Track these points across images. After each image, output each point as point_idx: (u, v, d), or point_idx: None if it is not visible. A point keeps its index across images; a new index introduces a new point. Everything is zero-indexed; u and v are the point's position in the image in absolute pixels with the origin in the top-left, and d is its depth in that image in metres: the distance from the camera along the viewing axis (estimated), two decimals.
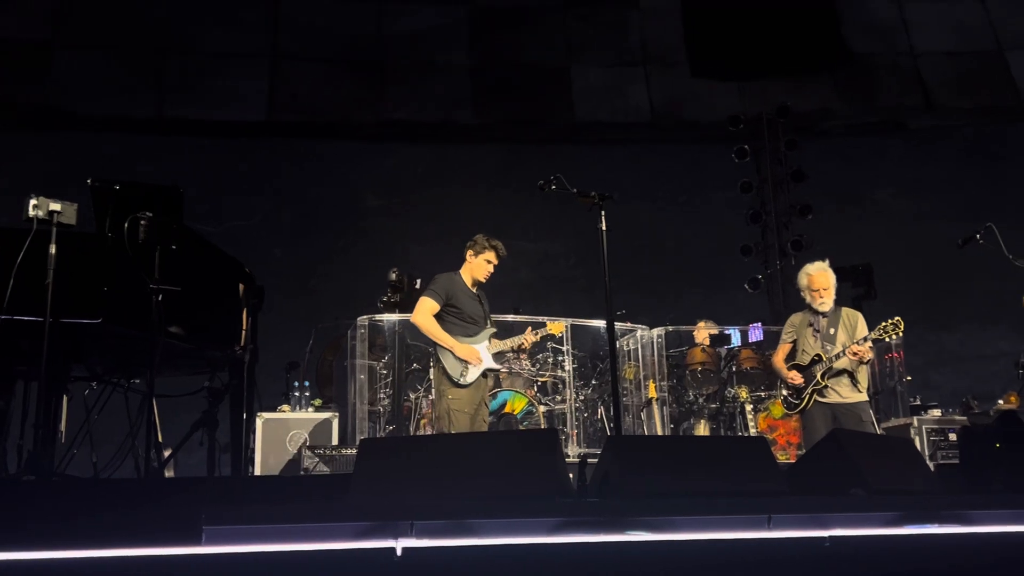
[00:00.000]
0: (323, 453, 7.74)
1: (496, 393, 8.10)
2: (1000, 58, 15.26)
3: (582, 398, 9.12)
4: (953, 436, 8.29)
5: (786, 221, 12.34)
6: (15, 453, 5.48)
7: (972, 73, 15.24)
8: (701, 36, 15.26)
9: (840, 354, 6.60)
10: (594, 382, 9.35)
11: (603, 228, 6.07)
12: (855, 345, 6.54)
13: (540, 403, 8.64)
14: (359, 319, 8.74)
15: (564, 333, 8.54)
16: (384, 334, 8.75)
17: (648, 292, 12.67)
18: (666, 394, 9.33)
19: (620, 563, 3.50)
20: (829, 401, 6.67)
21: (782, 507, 3.76)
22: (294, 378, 9.07)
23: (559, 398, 8.91)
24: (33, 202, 5.04)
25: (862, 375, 6.72)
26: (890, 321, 6.55)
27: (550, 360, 8.94)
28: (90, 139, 13.21)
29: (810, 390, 6.71)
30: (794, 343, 7.01)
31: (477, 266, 6.88)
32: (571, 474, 4.37)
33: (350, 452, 7.61)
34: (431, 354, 7.69)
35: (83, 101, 13.63)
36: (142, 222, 5.36)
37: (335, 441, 8.20)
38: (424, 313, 6.73)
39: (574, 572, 3.49)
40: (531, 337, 7.19)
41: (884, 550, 3.72)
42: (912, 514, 3.83)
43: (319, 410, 8.63)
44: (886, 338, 6.72)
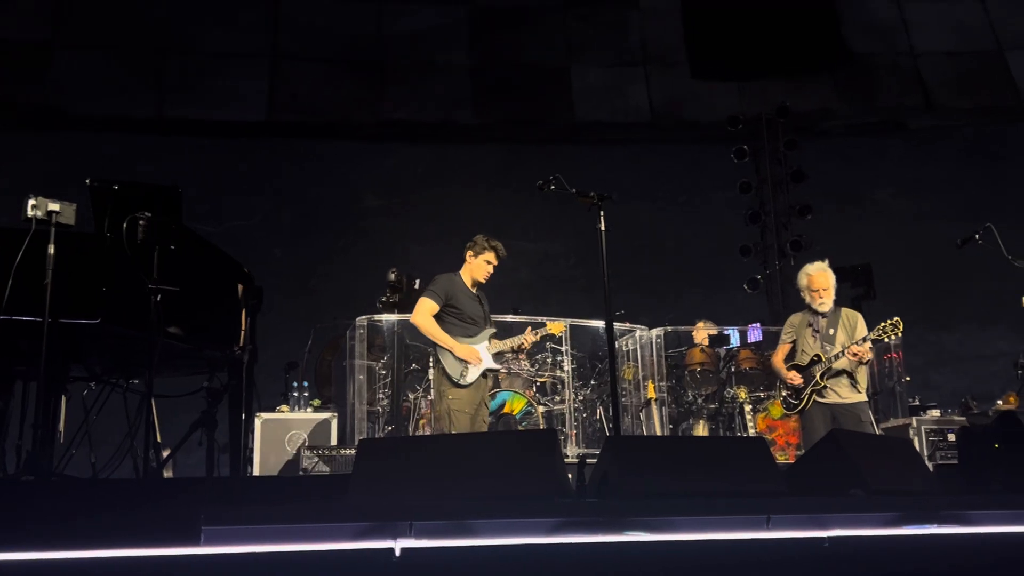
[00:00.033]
0: (322, 453, 7.73)
1: (495, 393, 8.10)
2: (1000, 58, 15.25)
3: (581, 398, 9.12)
4: (952, 436, 8.29)
5: (785, 221, 12.33)
6: (14, 453, 5.49)
7: (972, 73, 15.23)
8: (701, 36, 15.25)
9: (839, 354, 6.60)
10: (593, 382, 9.34)
11: (602, 228, 6.07)
12: (854, 346, 6.54)
13: (539, 403, 8.64)
14: (358, 319, 8.74)
15: (563, 333, 8.54)
16: (383, 334, 8.75)
17: (648, 292, 12.66)
18: (665, 394, 9.33)
19: (619, 563, 3.50)
20: (828, 401, 6.67)
21: (781, 507, 3.76)
22: (293, 378, 9.06)
23: (558, 398, 8.90)
24: (32, 202, 5.03)
25: (861, 375, 6.72)
26: (889, 321, 6.55)
27: (549, 360, 8.93)
28: (89, 139, 13.20)
29: (809, 390, 6.71)
30: (793, 343, 7.01)
31: (477, 267, 6.89)
32: (570, 474, 4.36)
33: (349, 452, 7.62)
34: (430, 354, 7.69)
35: (82, 101, 13.63)
36: (141, 222, 5.36)
37: (334, 441, 8.20)
38: (423, 314, 6.74)
39: (573, 572, 3.49)
40: (531, 337, 7.19)
41: (883, 550, 3.71)
42: (911, 514, 3.83)
43: (318, 410, 8.63)
44: (885, 338, 6.72)
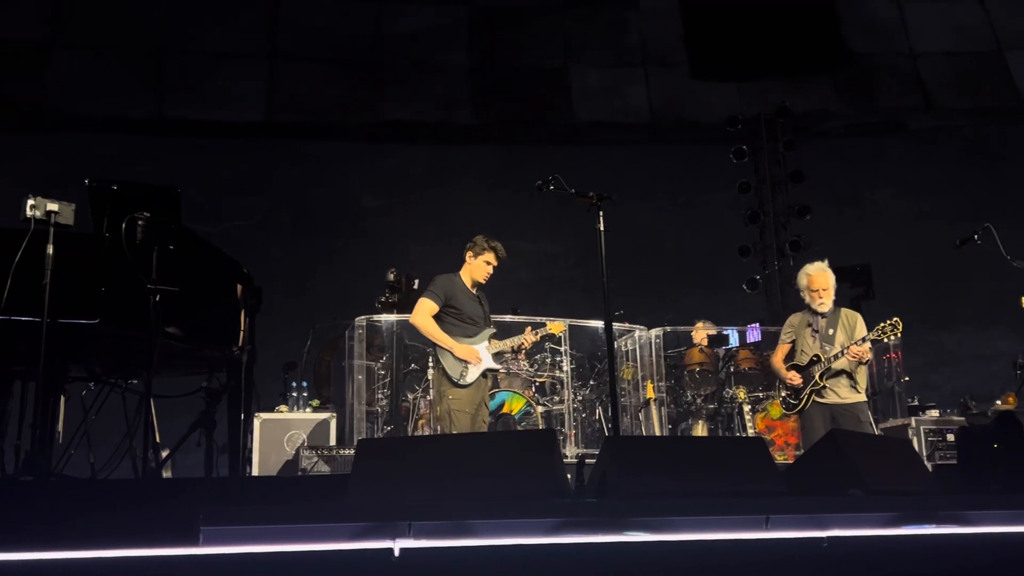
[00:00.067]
0: (321, 453, 7.73)
1: (494, 393, 8.10)
2: (1000, 58, 15.24)
3: (580, 398, 9.12)
4: (951, 437, 8.29)
5: (784, 222, 12.33)
6: (13, 453, 5.47)
7: (972, 73, 15.23)
8: (700, 37, 15.24)
9: (839, 355, 6.60)
10: (592, 383, 9.35)
11: (601, 228, 6.07)
12: (854, 346, 6.54)
13: (538, 403, 8.64)
14: (357, 319, 8.74)
15: (563, 334, 8.54)
16: (382, 334, 8.75)
17: (647, 292, 12.65)
18: (664, 395, 9.34)
19: (618, 564, 3.50)
20: (827, 402, 6.67)
21: (780, 507, 3.75)
22: (292, 378, 9.06)
23: (557, 399, 8.90)
24: (31, 202, 5.02)
25: (860, 376, 6.72)
26: (889, 322, 6.55)
27: (548, 361, 8.93)
28: (88, 139, 13.21)
29: (808, 390, 6.71)
30: (793, 343, 7.01)
31: (476, 267, 6.89)
32: (569, 475, 4.36)
33: (348, 452, 7.61)
34: (429, 354, 7.69)
35: (81, 101, 13.62)
36: (140, 222, 5.35)
37: (333, 441, 8.19)
38: (423, 314, 6.74)
39: (572, 573, 3.48)
40: (531, 337, 7.19)
41: (882, 550, 3.71)
42: (910, 514, 3.82)
43: (317, 410, 8.63)
44: (885, 339, 6.71)
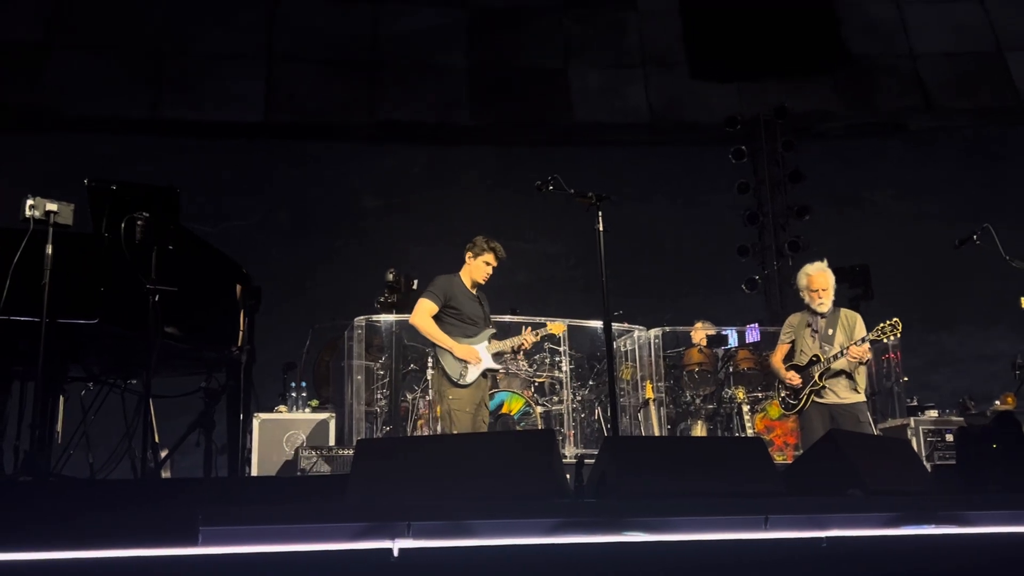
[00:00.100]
0: (320, 453, 7.72)
1: (493, 394, 8.10)
2: (1000, 59, 15.26)
3: (579, 399, 9.12)
4: (950, 437, 8.29)
5: (783, 222, 12.34)
6: (11, 454, 5.46)
7: (971, 74, 15.24)
8: (700, 37, 15.26)
9: (838, 355, 6.59)
10: (591, 383, 9.35)
11: (600, 229, 6.06)
12: (853, 347, 6.53)
13: (537, 404, 8.64)
14: (356, 320, 8.74)
15: (563, 334, 8.54)
16: (381, 335, 8.75)
17: (646, 293, 12.66)
18: (663, 395, 9.34)
19: (617, 564, 3.50)
20: (827, 402, 6.66)
21: (779, 508, 3.75)
22: (291, 379, 9.05)
23: (556, 399, 8.90)
24: (30, 202, 5.02)
25: (860, 376, 6.71)
26: (888, 322, 6.54)
27: (547, 361, 8.93)
28: (87, 140, 13.21)
29: (808, 391, 6.70)
30: (792, 344, 7.00)
31: (476, 268, 6.89)
32: (568, 475, 4.36)
33: (347, 453, 7.61)
34: (428, 355, 7.68)
35: (81, 102, 13.63)
36: (139, 222, 5.34)
37: (332, 442, 8.19)
38: (423, 314, 6.75)
39: (571, 573, 3.48)
40: (531, 337, 7.19)
41: (881, 551, 3.71)
42: (909, 515, 3.82)
43: (316, 411, 8.63)
44: (884, 339, 6.70)
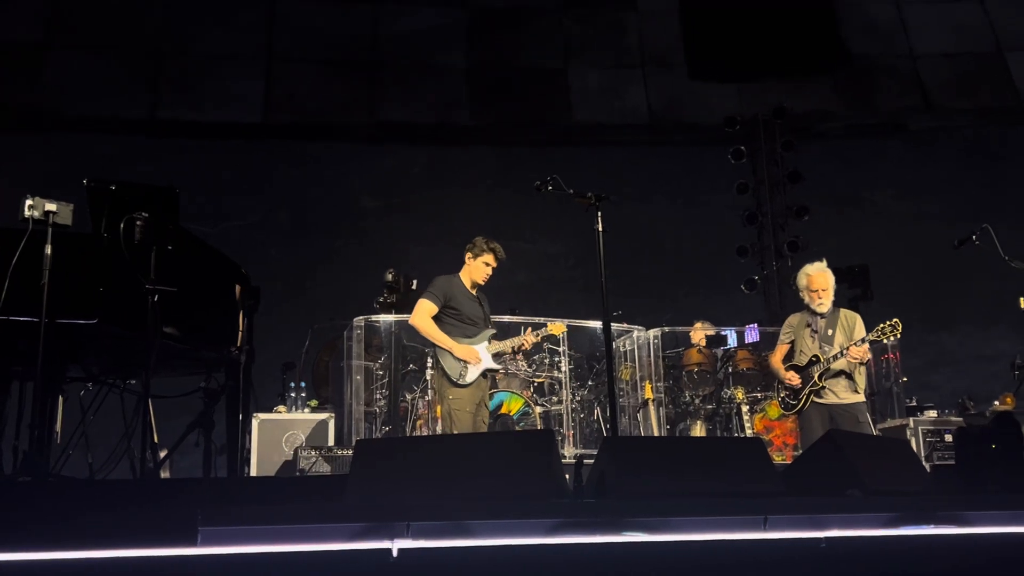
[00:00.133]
0: (322, 453, 7.72)
1: (492, 394, 8.11)
2: (1000, 59, 15.26)
3: (578, 399, 9.12)
4: (949, 437, 8.29)
5: (782, 222, 12.34)
6: (11, 454, 5.45)
7: (971, 74, 15.24)
8: (699, 38, 15.25)
9: (838, 355, 6.59)
10: (590, 383, 9.35)
11: (599, 229, 6.06)
12: (853, 347, 6.52)
13: (536, 404, 8.64)
14: (355, 320, 8.75)
15: (562, 334, 8.54)
16: (380, 335, 8.76)
17: (646, 293, 12.66)
18: (662, 395, 9.34)
19: (616, 564, 3.49)
20: (826, 402, 6.66)
21: (778, 508, 3.74)
22: (290, 379, 9.06)
23: (555, 399, 8.90)
24: (29, 202, 5.02)
25: (859, 376, 6.70)
26: (888, 323, 6.53)
27: (547, 361, 8.94)
28: (87, 140, 13.21)
29: (807, 391, 6.70)
30: (792, 344, 7.00)
31: (476, 268, 6.90)
32: (567, 475, 4.36)
33: (346, 453, 7.60)
34: (427, 355, 7.68)
35: (80, 102, 13.62)
36: (138, 223, 5.34)
37: (331, 442, 8.19)
38: (422, 315, 6.75)
39: (571, 573, 3.48)
40: (531, 338, 7.19)
41: (880, 551, 3.70)
42: (908, 515, 3.82)
43: (315, 411, 8.64)
44: (884, 340, 6.69)
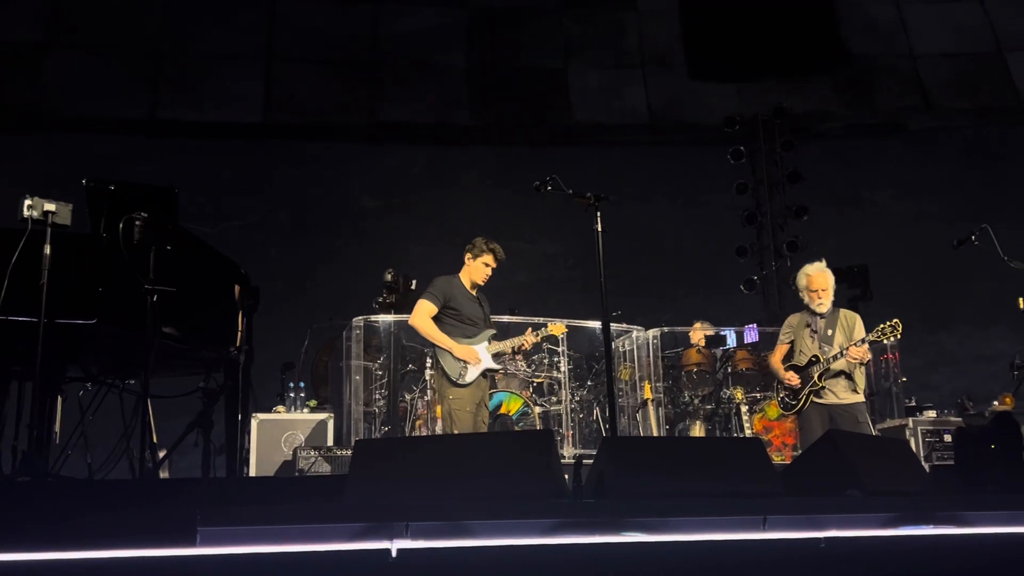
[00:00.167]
0: (322, 453, 7.72)
1: (492, 394, 8.11)
2: (1000, 59, 15.26)
3: (578, 399, 9.12)
4: (948, 437, 8.29)
5: (782, 222, 12.34)
6: (9, 454, 5.46)
7: (971, 74, 15.25)
8: (699, 38, 15.26)
9: (837, 355, 6.58)
10: (590, 383, 9.35)
11: (599, 229, 6.05)
12: (853, 347, 6.51)
13: (536, 404, 8.63)
14: (355, 320, 8.74)
15: (562, 335, 8.54)
16: (380, 335, 8.75)
17: (646, 293, 12.67)
18: (662, 395, 9.34)
19: (616, 564, 3.49)
20: (826, 402, 6.65)
21: (778, 508, 3.74)
22: (289, 379, 9.06)
23: (555, 399, 8.90)
24: (28, 202, 5.02)
25: (859, 376, 6.69)
26: (888, 323, 6.52)
27: (546, 361, 8.93)
28: (86, 140, 13.22)
29: (807, 391, 6.69)
30: (791, 344, 6.99)
31: (475, 269, 6.90)
32: (566, 475, 4.35)
33: (345, 453, 7.60)
34: (427, 355, 7.67)
35: (80, 102, 13.62)
36: (137, 222, 5.35)
37: (330, 442, 8.19)
38: (422, 315, 6.75)
39: (570, 573, 3.47)
40: (531, 338, 7.19)
41: (880, 551, 3.70)
42: (907, 515, 3.81)
43: (314, 411, 8.63)
44: (884, 340, 6.68)
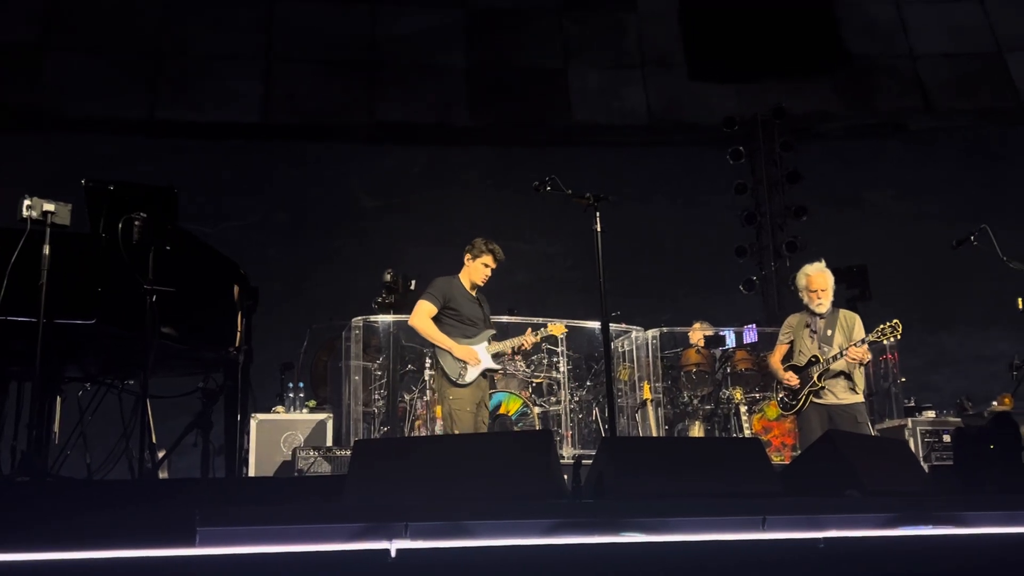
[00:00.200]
0: (318, 454, 7.72)
1: (491, 394, 8.11)
2: (999, 59, 15.27)
3: (577, 399, 9.11)
4: (947, 438, 8.29)
5: (781, 223, 12.34)
6: (8, 454, 5.46)
7: (971, 75, 15.25)
8: (699, 38, 15.26)
9: (837, 356, 6.58)
10: (589, 383, 9.35)
11: (598, 229, 6.05)
12: (853, 348, 6.51)
13: (535, 404, 8.63)
14: (354, 320, 8.74)
15: (561, 335, 8.54)
16: (379, 335, 8.75)
17: (646, 293, 12.67)
18: (661, 395, 9.33)
19: (615, 564, 3.49)
20: (825, 402, 6.65)
21: (777, 508, 3.74)
22: (289, 379, 9.06)
23: (554, 399, 8.90)
24: (27, 203, 5.02)
25: (858, 377, 6.69)
26: (888, 324, 6.51)
27: (545, 362, 8.93)
28: (86, 140, 13.22)
29: (806, 391, 6.69)
30: (791, 344, 6.99)
31: (475, 270, 6.90)
32: (566, 475, 4.35)
33: (344, 453, 7.60)
34: (426, 355, 7.66)
35: (79, 102, 13.63)
36: (136, 223, 5.35)
37: (329, 442, 8.19)
38: (421, 316, 6.76)
39: (569, 573, 3.47)
40: (531, 338, 7.19)
41: (879, 551, 3.70)
42: (906, 515, 3.82)
43: (313, 411, 8.63)
44: (884, 340, 6.68)
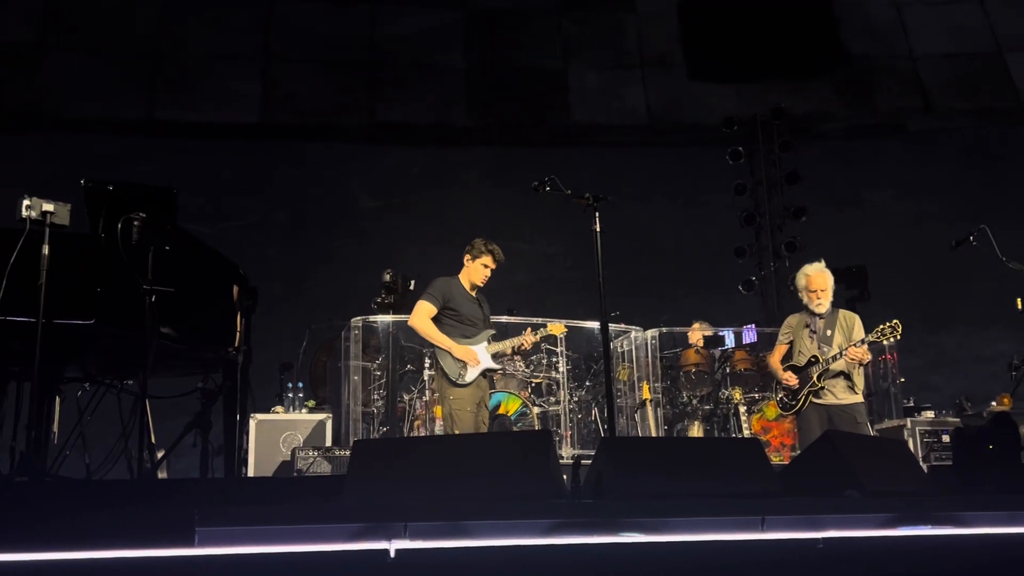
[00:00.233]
0: (318, 454, 7.71)
1: (491, 394, 8.10)
2: (999, 60, 15.28)
3: (576, 399, 9.11)
4: (946, 438, 8.29)
5: (780, 223, 12.34)
6: (7, 454, 5.46)
7: (971, 75, 15.26)
8: (698, 39, 15.27)
9: (836, 356, 6.58)
10: (588, 383, 9.35)
11: (597, 229, 6.05)
12: (853, 348, 6.51)
13: (534, 404, 8.63)
14: (353, 320, 8.74)
15: (561, 335, 8.54)
16: (378, 335, 8.75)
17: (645, 293, 12.67)
18: (660, 395, 9.33)
19: (614, 564, 3.49)
20: (824, 402, 6.65)
21: (776, 508, 3.74)
22: (288, 379, 9.07)
23: (553, 399, 8.90)
24: (26, 203, 5.02)
25: (858, 377, 6.69)
26: (888, 324, 6.51)
27: (544, 362, 8.93)
28: (86, 140, 13.23)
29: (806, 391, 6.69)
30: (790, 344, 6.99)
31: (474, 270, 6.90)
32: (565, 475, 4.35)
33: (343, 453, 7.60)
34: (425, 355, 7.66)
35: (78, 102, 13.64)
36: (136, 223, 5.34)
37: (329, 442, 8.18)
38: (421, 316, 6.76)
39: (568, 573, 3.47)
40: (531, 338, 7.19)
41: (878, 551, 3.70)
42: (906, 515, 3.82)
43: (313, 411, 8.63)
44: (884, 341, 6.68)
